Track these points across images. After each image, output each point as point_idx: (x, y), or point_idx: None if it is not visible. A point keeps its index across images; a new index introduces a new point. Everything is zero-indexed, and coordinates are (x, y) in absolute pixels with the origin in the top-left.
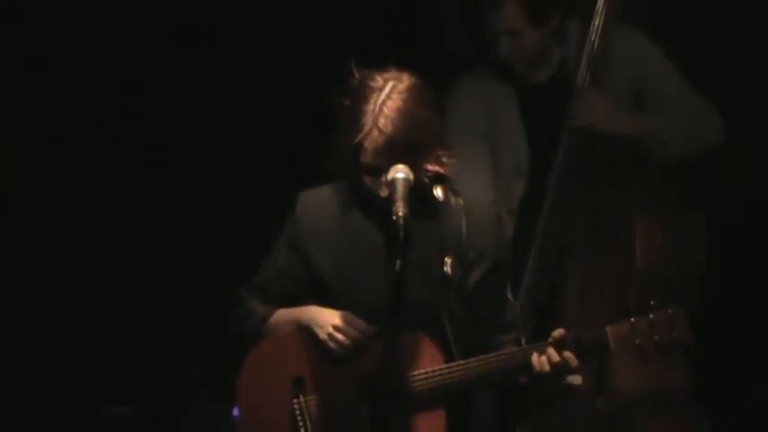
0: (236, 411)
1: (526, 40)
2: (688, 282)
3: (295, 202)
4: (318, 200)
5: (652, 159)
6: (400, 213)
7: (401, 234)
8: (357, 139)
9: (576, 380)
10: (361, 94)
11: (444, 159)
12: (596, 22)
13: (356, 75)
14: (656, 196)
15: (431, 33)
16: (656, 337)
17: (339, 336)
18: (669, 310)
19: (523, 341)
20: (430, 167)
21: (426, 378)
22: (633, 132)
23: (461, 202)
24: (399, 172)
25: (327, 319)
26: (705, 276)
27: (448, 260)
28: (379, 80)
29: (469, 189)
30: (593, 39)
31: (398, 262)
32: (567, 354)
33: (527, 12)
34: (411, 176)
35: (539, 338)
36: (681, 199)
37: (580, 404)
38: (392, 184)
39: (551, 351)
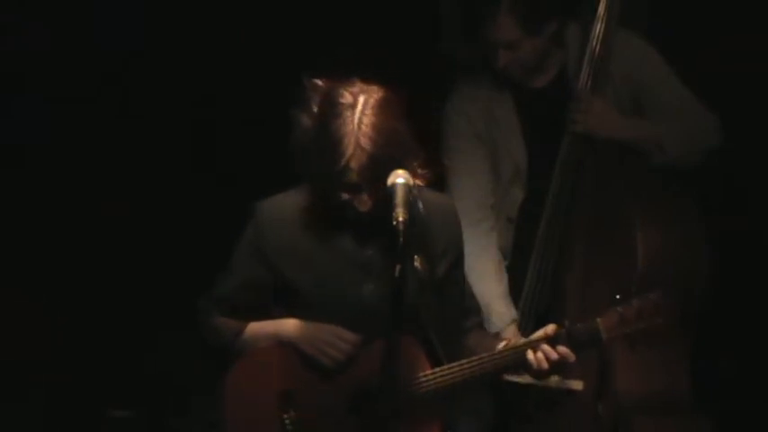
0: None
1: (523, 49)
2: (689, 282)
3: (254, 211)
4: (282, 212)
5: (652, 163)
6: (400, 219)
7: (401, 239)
8: (343, 163)
9: (577, 385)
10: (332, 113)
11: (419, 171)
12: (597, 29)
13: (317, 87)
14: (656, 198)
15: (431, 37)
16: (643, 325)
17: (331, 351)
18: (651, 296)
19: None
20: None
21: (419, 382)
22: (633, 137)
23: (421, 198)
24: (399, 177)
25: (315, 335)
26: (706, 277)
27: (417, 258)
28: (347, 96)
29: (469, 195)
30: (594, 45)
31: (398, 267)
32: (562, 349)
33: (522, 22)
34: (411, 182)
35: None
36: (681, 200)
37: (581, 408)
38: (392, 189)
39: (547, 348)
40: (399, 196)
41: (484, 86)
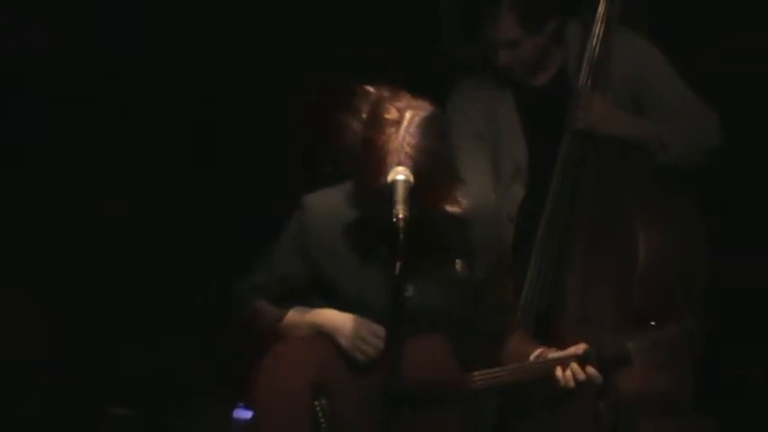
0: (236, 413)
1: (524, 48)
2: (689, 283)
3: (299, 205)
4: (327, 208)
5: (653, 162)
6: (400, 216)
7: (401, 236)
8: (382, 181)
9: None
10: (377, 129)
11: (460, 199)
12: (597, 29)
13: (367, 94)
14: (656, 198)
15: (431, 37)
16: (673, 351)
17: (366, 348)
18: (686, 323)
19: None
20: (449, 207)
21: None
22: (634, 135)
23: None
24: (399, 174)
25: (352, 328)
26: (706, 277)
27: (457, 261)
28: (393, 111)
29: (470, 193)
30: (593, 45)
31: (398, 264)
32: (592, 370)
33: (522, 21)
34: (411, 178)
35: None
36: (681, 200)
37: (582, 407)
38: (392, 186)
39: (576, 367)
40: (399, 193)
41: (484, 86)
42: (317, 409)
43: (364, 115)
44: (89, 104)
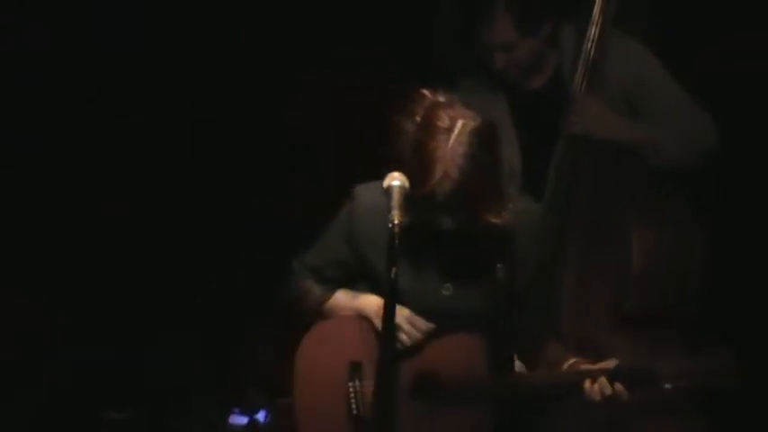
0: (232, 418)
1: (520, 51)
2: (683, 283)
3: (352, 195)
4: (375, 202)
5: (648, 165)
6: (396, 221)
7: (396, 241)
8: (428, 188)
9: None
10: (428, 134)
11: (504, 213)
12: (592, 32)
13: (423, 98)
14: (650, 199)
15: (425, 41)
16: (703, 379)
17: (402, 336)
18: (720, 353)
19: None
20: (492, 219)
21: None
22: (629, 138)
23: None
24: (395, 180)
25: None
26: (700, 277)
27: (499, 266)
28: (445, 119)
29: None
30: (588, 47)
31: (393, 270)
32: (619, 387)
33: (517, 23)
34: (406, 184)
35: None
36: (675, 200)
37: (581, 405)
38: (388, 191)
39: (604, 382)
40: (395, 198)
41: (478, 89)
42: (351, 390)
43: (418, 118)
44: (89, 104)
